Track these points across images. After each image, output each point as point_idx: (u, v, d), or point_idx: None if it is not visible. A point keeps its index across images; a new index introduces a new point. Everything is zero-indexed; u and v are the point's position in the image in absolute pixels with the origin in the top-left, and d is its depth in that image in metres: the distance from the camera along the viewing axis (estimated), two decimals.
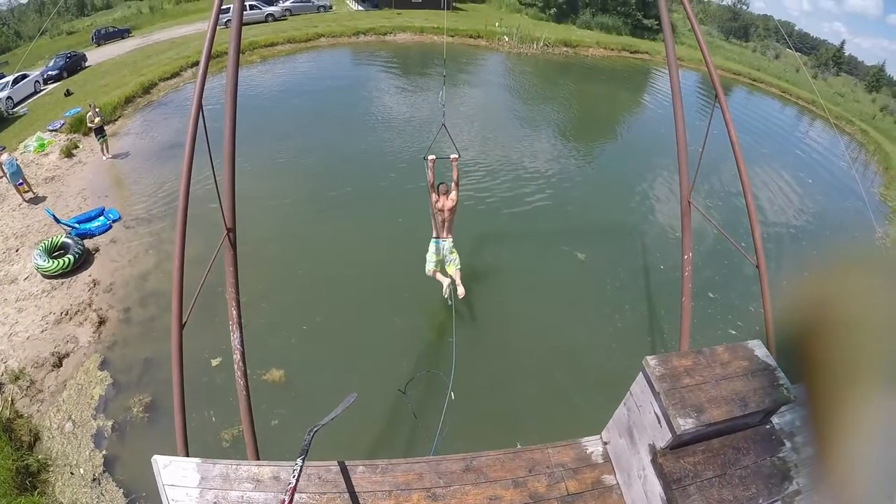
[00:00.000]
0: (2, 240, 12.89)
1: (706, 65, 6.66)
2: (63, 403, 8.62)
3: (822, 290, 2.14)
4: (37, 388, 8.91)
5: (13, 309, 10.59)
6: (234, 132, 5.49)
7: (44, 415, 8.46)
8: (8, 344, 9.73)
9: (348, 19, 41.38)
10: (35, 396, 8.77)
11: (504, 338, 10.29)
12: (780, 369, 3.03)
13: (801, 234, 16.25)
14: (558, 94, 28.78)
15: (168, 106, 22.70)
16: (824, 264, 2.15)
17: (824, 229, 16.70)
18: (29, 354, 9.46)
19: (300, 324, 10.19)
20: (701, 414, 2.75)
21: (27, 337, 9.87)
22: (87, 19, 62.13)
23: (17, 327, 10.11)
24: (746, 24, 75.32)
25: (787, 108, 38.71)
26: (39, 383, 8.98)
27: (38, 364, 9.26)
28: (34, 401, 8.70)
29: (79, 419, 8.33)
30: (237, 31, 5.66)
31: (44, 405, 8.62)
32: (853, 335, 1.98)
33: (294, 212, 13.99)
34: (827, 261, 2.14)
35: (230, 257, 5.53)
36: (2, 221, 13.70)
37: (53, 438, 8.09)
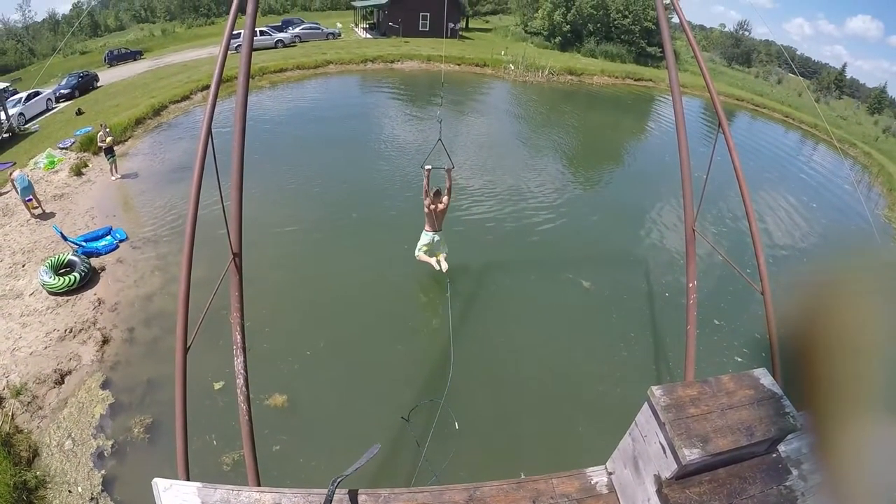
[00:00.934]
0: (9, 254, 12.99)
1: (709, 93, 6.75)
2: (63, 421, 8.58)
3: (823, 314, 2.15)
4: (38, 404, 8.89)
5: (17, 324, 10.63)
6: (243, 158, 5.57)
7: (44, 431, 8.42)
8: (10, 359, 9.73)
9: (356, 47, 42.16)
10: (36, 412, 8.74)
11: (508, 366, 10.25)
12: (786, 397, 3.02)
13: (806, 257, 16.25)
14: (564, 122, 29.13)
15: (178, 128, 23.04)
16: (825, 286, 2.16)
17: (830, 252, 16.65)
18: (31, 370, 9.45)
19: (304, 349, 10.17)
20: (707, 444, 2.74)
21: (30, 352, 9.88)
22: (101, 40, 63.36)
23: (21, 342, 10.13)
24: (748, 49, 76.60)
25: (790, 133, 39.17)
26: (41, 399, 8.97)
27: (40, 380, 9.25)
28: (35, 417, 8.67)
29: (79, 437, 8.29)
30: (247, 56, 5.76)
31: (44, 421, 8.59)
32: (853, 361, 1.99)
33: (300, 238, 14.06)
34: (828, 283, 2.15)
35: (236, 282, 5.56)
36: (9, 236, 13.82)
37: (53, 455, 8.03)
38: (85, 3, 78.49)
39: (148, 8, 78.50)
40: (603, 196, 19.32)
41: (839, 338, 2.15)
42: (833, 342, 2.17)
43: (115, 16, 76.08)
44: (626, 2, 50.54)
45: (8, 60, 55.80)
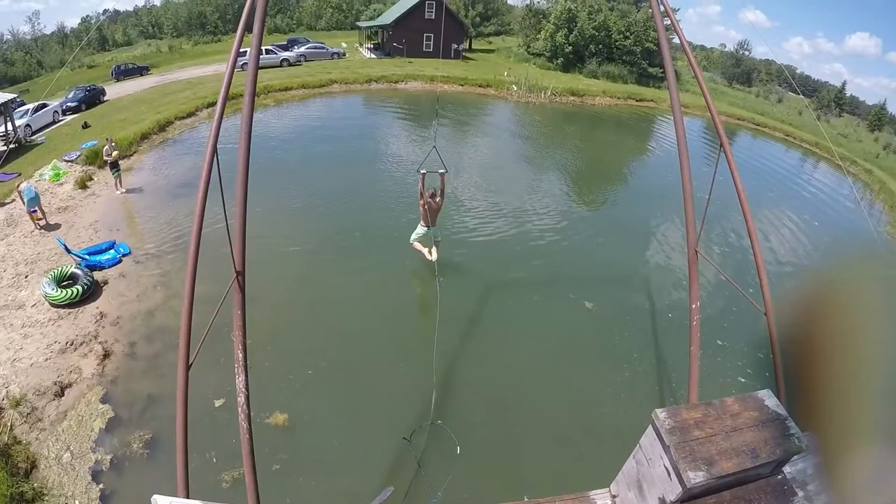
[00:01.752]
0: (12, 265, 13.03)
1: (710, 114, 6.82)
2: (62, 433, 8.56)
3: (823, 328, 2.16)
4: (37, 415, 8.86)
5: (18, 335, 10.63)
6: (247, 177, 5.61)
7: (42, 443, 8.39)
8: (11, 369, 9.72)
9: (361, 67, 42.63)
10: (35, 424, 8.72)
11: (510, 387, 10.22)
12: (790, 419, 3.02)
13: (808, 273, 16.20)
14: (567, 143, 29.34)
15: (183, 144, 23.25)
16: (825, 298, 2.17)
17: (830, 262, 16.60)
18: (31, 381, 9.44)
19: (305, 368, 10.14)
20: (711, 467, 2.74)
21: (31, 364, 9.87)
22: (108, 54, 64.15)
23: (22, 353, 10.13)
24: (749, 69, 77.31)
25: (791, 151, 39.48)
26: (40, 411, 8.94)
27: (39, 392, 9.24)
28: (33, 428, 8.65)
29: (77, 451, 8.25)
30: (253, 74, 5.83)
31: (43, 433, 8.56)
32: (855, 377, 2.00)
33: (303, 256, 14.10)
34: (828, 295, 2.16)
35: (239, 300, 5.57)
36: (13, 247, 13.88)
37: (50, 468, 8.00)
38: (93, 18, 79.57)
39: (155, 24, 79.66)
40: (606, 217, 19.41)
41: (840, 353, 2.17)
42: (834, 358, 2.18)
43: (123, 31, 77.14)
44: (628, 23, 51.21)
45: (16, 72, 56.63)
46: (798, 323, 2.60)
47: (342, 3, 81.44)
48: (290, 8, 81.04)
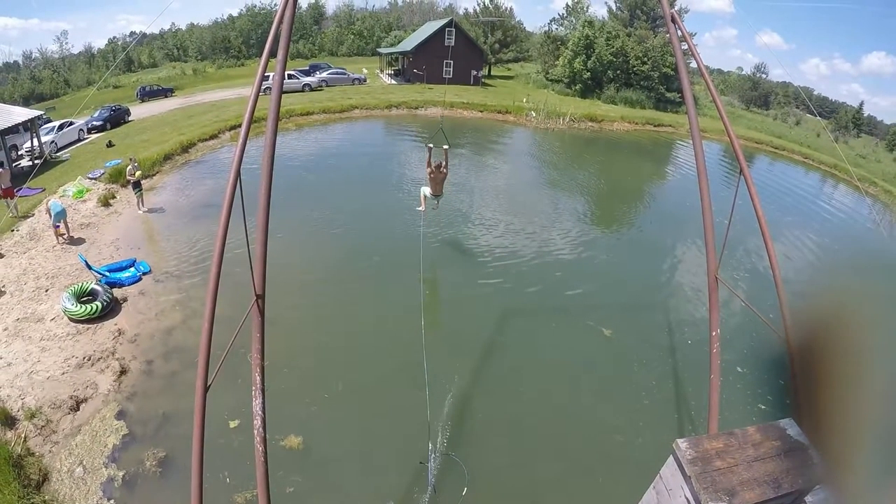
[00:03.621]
0: (33, 278, 13.24)
1: (730, 140, 6.79)
2: (76, 448, 8.59)
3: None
4: (51, 428, 8.92)
5: (37, 347, 10.75)
6: (269, 200, 5.64)
7: (55, 456, 8.43)
8: (27, 381, 9.82)
9: (381, 92, 43.16)
10: (49, 437, 8.77)
11: (527, 413, 10.12)
12: (813, 448, 2.96)
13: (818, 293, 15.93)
14: (585, 169, 29.33)
15: (205, 166, 23.64)
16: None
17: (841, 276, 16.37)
18: (47, 394, 9.52)
19: (321, 391, 10.12)
20: (733, 497, 2.70)
21: (47, 377, 9.96)
22: (134, 75, 65.93)
23: (39, 366, 10.22)
24: (766, 92, 77.15)
25: (810, 174, 39.31)
26: (54, 424, 9.00)
27: (55, 405, 9.30)
28: (47, 441, 8.70)
29: (90, 465, 8.27)
30: (277, 100, 5.90)
31: (56, 446, 8.61)
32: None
33: (321, 279, 14.16)
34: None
35: (258, 323, 5.57)
36: (35, 260, 14.11)
37: (62, 481, 8.02)
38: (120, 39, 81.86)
39: (181, 47, 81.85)
40: (625, 242, 19.30)
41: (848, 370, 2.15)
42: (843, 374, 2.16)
43: (148, 53, 79.30)
44: (645, 48, 51.54)
45: (43, 89, 58.36)
46: (809, 339, 2.57)
47: (363, 30, 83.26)
48: (312, 34, 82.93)
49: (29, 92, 56.18)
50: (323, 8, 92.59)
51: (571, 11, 61.18)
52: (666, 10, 7.15)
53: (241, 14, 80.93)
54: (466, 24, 59.36)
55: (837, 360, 2.09)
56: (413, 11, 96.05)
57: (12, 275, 13.32)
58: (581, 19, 55.85)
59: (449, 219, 18.77)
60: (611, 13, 60.07)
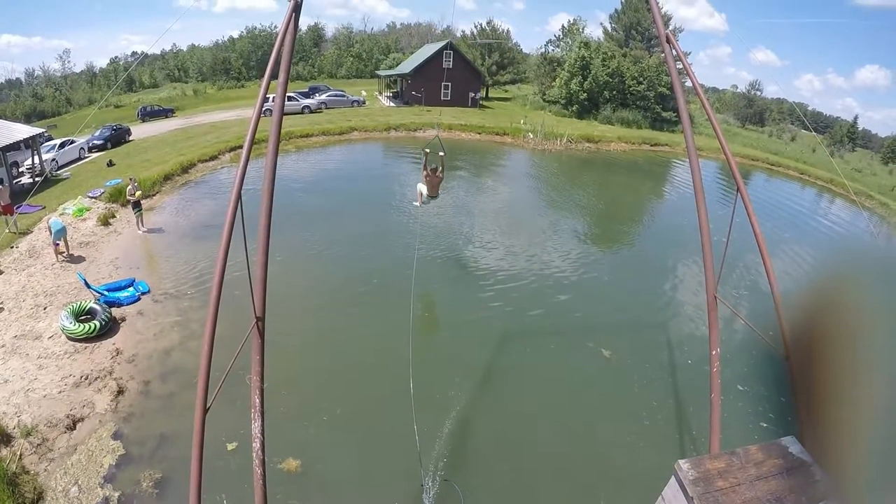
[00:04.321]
0: (31, 295, 13.23)
1: (726, 158, 6.85)
2: (71, 467, 8.51)
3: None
4: (47, 446, 8.85)
5: (34, 365, 10.70)
6: (270, 224, 5.67)
7: (51, 475, 8.35)
8: (24, 398, 9.76)
9: (380, 115, 43.53)
10: (44, 455, 8.70)
11: (527, 436, 10.06)
12: (815, 465, 2.96)
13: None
14: (583, 189, 29.48)
15: (204, 186, 23.71)
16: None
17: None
18: (44, 412, 9.46)
19: (320, 414, 10.05)
20: None
21: (44, 395, 9.91)
22: (135, 95, 66.40)
23: (36, 384, 10.17)
24: (761, 109, 77.73)
25: (806, 189, 39.59)
26: (50, 443, 8.93)
27: (51, 423, 9.24)
28: (43, 459, 8.62)
29: (85, 485, 8.18)
30: (277, 125, 5.94)
31: (52, 465, 8.54)
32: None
33: (320, 301, 14.15)
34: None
35: (258, 346, 5.57)
36: (34, 278, 14.11)
37: (57, 500, 7.94)
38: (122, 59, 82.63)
39: (181, 68, 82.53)
40: (623, 263, 19.34)
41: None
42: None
43: (150, 73, 79.98)
44: (641, 68, 52.30)
45: (45, 107, 58.72)
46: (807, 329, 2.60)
47: (362, 53, 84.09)
48: (311, 56, 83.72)
49: (31, 109, 56.46)
50: (322, 30, 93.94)
51: (568, 33, 62.11)
52: (661, 31, 7.25)
53: (242, 36, 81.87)
54: (464, 47, 60.22)
55: (835, 353, 2.12)
56: (411, 34, 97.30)
57: (11, 291, 13.30)
58: (577, 40, 56.69)
59: (449, 240, 18.89)
60: (606, 34, 61.22)
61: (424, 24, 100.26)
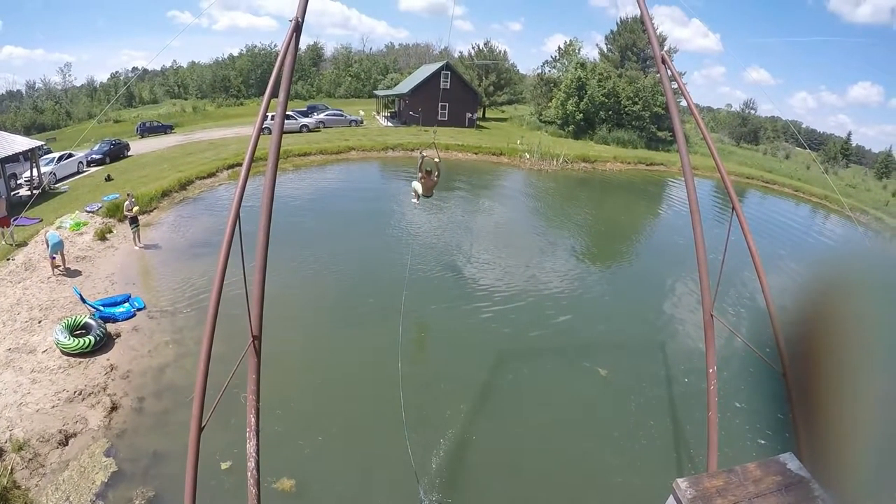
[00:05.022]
0: (26, 309, 13.16)
1: (721, 177, 6.91)
2: (63, 483, 8.42)
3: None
4: (39, 462, 8.76)
5: (27, 379, 10.62)
6: (268, 242, 5.68)
7: (42, 490, 8.26)
8: (16, 412, 9.67)
9: (378, 134, 43.87)
10: (36, 470, 8.61)
11: (524, 455, 10.01)
12: (814, 481, 2.96)
13: None
14: (579, 209, 29.73)
15: (202, 203, 23.76)
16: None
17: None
18: (36, 427, 9.37)
19: (315, 434, 9.98)
20: None
21: (37, 409, 9.82)
22: (134, 111, 66.76)
23: (29, 398, 10.08)
24: (756, 128, 78.46)
25: (801, 207, 39.95)
26: (42, 458, 8.84)
27: (43, 438, 9.15)
28: (34, 474, 8.53)
29: (77, 502, 8.09)
30: (276, 144, 5.97)
31: (43, 480, 8.44)
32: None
33: (316, 320, 14.14)
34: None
35: (254, 365, 5.54)
36: (29, 291, 14.05)
37: None
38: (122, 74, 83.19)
39: (181, 85, 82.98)
40: (619, 282, 19.39)
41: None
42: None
43: (149, 89, 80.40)
44: (636, 88, 52.93)
45: (45, 119, 58.99)
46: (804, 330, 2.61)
47: (360, 73, 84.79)
48: (310, 75, 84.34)
49: (30, 121, 56.68)
50: (321, 50, 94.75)
51: (564, 54, 62.76)
52: (656, 52, 7.36)
53: (242, 54, 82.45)
54: (461, 67, 60.82)
55: (832, 363, 2.14)
56: (409, 54, 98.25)
57: (6, 304, 13.26)
58: (573, 61, 57.24)
59: (446, 259, 18.96)
60: (602, 55, 61.91)
61: (422, 44, 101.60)
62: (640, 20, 50.54)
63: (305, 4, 6.39)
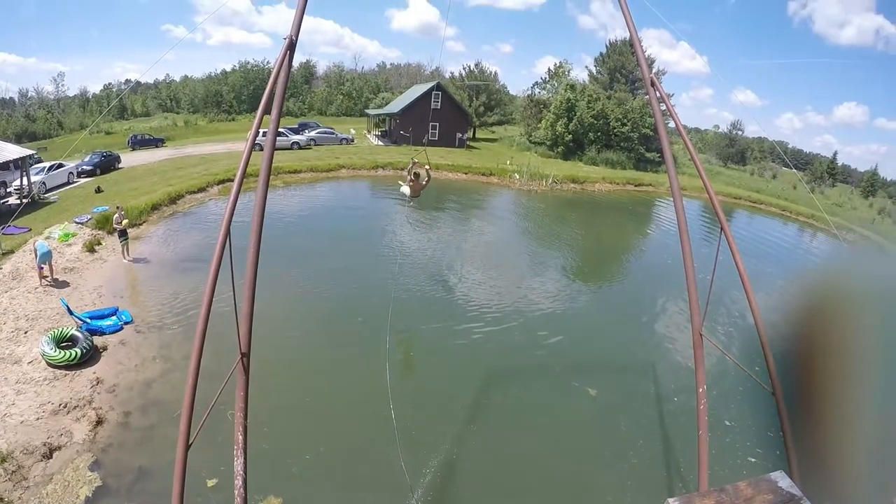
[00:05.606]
0: (12, 318, 13.03)
1: (709, 197, 7.00)
2: (46, 497, 8.28)
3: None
4: (22, 474, 8.61)
5: (12, 389, 10.49)
6: (257, 260, 5.67)
7: (25, 503, 8.11)
8: (0, 424, 9.54)
9: (368, 153, 44.10)
10: (19, 483, 8.46)
11: (513, 476, 9.98)
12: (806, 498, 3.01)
13: None
14: (568, 229, 29.89)
15: (191, 218, 23.65)
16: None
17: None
18: (20, 439, 9.24)
19: (303, 452, 9.89)
20: None
21: (21, 421, 9.69)
22: (126, 123, 66.77)
23: (13, 409, 9.96)
24: (743, 148, 79.61)
25: (788, 226, 40.49)
26: (26, 470, 8.69)
27: (27, 451, 9.01)
28: (17, 487, 8.38)
29: None
30: (268, 161, 5.96)
31: (27, 493, 8.30)
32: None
33: (305, 338, 14.07)
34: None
35: (242, 382, 5.46)
36: (16, 300, 13.92)
37: None
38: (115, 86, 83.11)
39: (174, 98, 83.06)
40: (608, 302, 19.49)
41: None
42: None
43: (142, 102, 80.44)
44: (625, 110, 53.63)
45: (37, 128, 58.79)
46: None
47: (352, 91, 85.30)
48: (302, 93, 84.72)
49: (22, 130, 56.41)
50: (314, 68, 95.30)
51: (554, 75, 63.64)
52: (645, 75, 7.49)
53: (235, 70, 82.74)
54: (452, 88, 61.22)
55: (824, 369, 2.19)
56: (401, 74, 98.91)
57: None
58: (563, 83, 58.12)
59: (435, 279, 18.97)
60: (591, 77, 62.81)
61: (414, 64, 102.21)
62: (629, 43, 51.58)
63: (300, 23, 6.43)
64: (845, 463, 2.25)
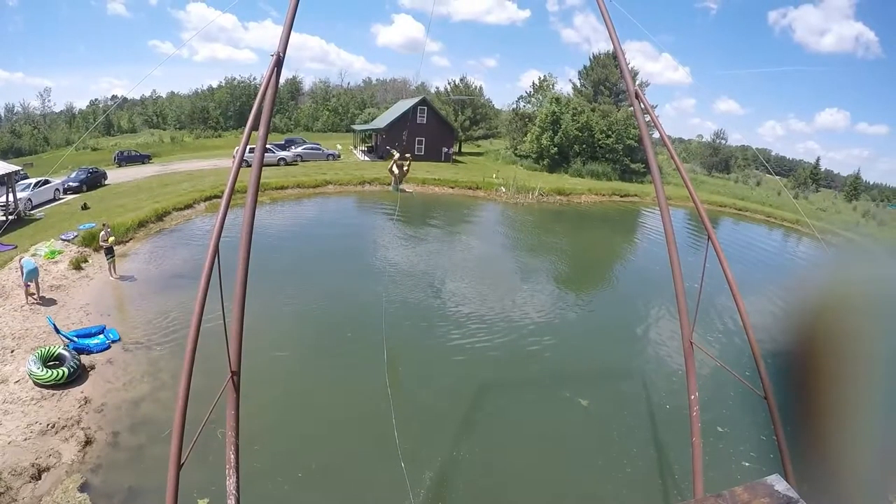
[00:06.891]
0: None
1: (695, 206, 7.12)
2: None
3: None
4: (11, 496, 8.45)
5: None
6: (246, 278, 5.68)
7: None
8: None
9: (355, 168, 44.14)
10: None
11: (507, 489, 9.95)
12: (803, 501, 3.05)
13: None
14: (555, 241, 30.06)
15: (178, 235, 23.52)
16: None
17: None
18: (8, 460, 9.08)
19: (295, 470, 9.79)
20: None
21: (8, 441, 9.54)
22: (112, 139, 66.46)
23: (0, 430, 9.80)
24: (726, 157, 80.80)
25: (773, 232, 41.07)
26: (14, 492, 8.53)
27: (15, 472, 8.86)
28: None
29: None
30: (256, 179, 5.97)
31: None
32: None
33: (294, 354, 13.99)
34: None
35: (233, 400, 5.45)
36: (1, 319, 13.75)
37: None
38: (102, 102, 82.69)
39: (160, 115, 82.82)
40: (597, 312, 19.56)
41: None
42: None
43: (128, 118, 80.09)
44: (609, 122, 54.26)
45: (23, 144, 58.19)
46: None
47: (338, 107, 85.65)
48: (288, 109, 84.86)
49: (8, 146, 55.90)
50: (300, 83, 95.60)
51: (538, 89, 64.22)
52: (630, 87, 7.62)
53: (221, 86, 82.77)
54: (438, 103, 61.77)
55: (820, 372, 2.24)
56: (386, 89, 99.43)
57: None
58: (548, 96, 58.65)
59: (424, 294, 18.96)
60: (575, 90, 63.45)
61: (399, 79, 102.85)
62: (613, 56, 52.43)
63: (287, 40, 6.45)
64: (840, 464, 2.29)
